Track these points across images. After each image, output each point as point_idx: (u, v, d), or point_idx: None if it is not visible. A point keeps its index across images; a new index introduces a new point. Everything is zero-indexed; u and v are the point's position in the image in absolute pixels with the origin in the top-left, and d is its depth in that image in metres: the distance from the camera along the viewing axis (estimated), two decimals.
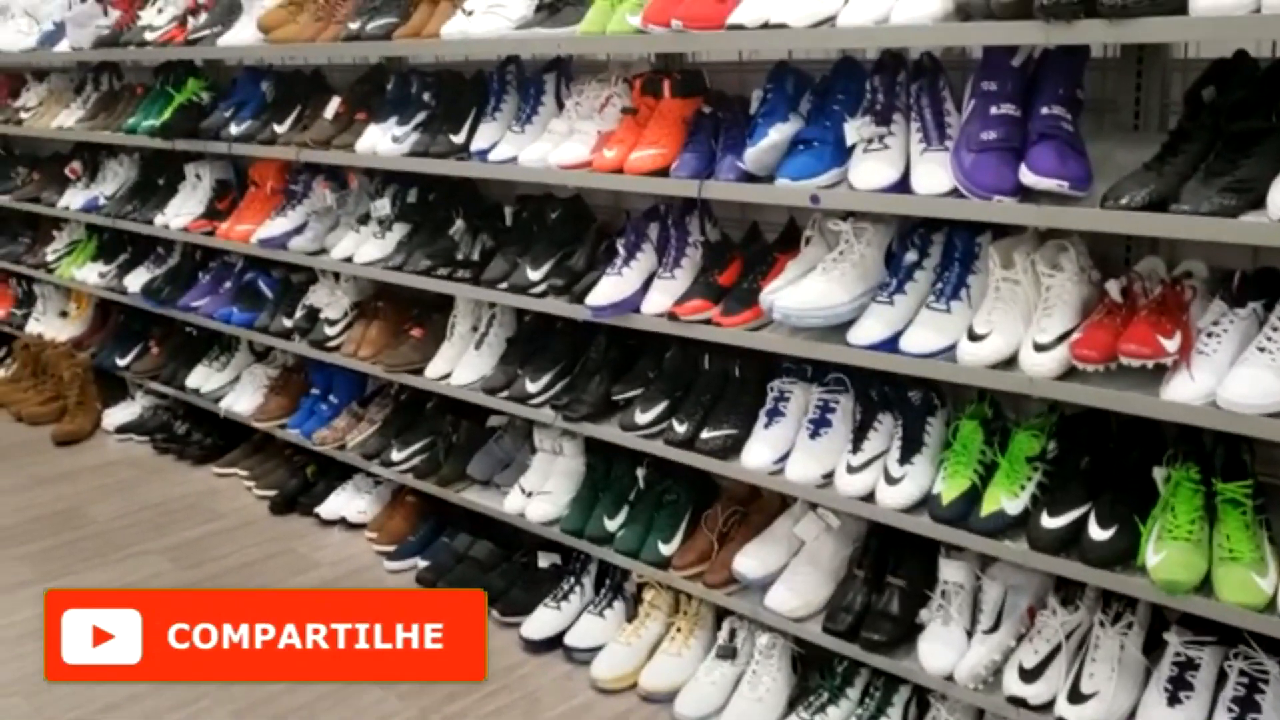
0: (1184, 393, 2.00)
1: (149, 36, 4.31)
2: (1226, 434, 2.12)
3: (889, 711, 2.61)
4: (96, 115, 4.86)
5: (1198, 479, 2.14)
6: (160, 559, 3.81)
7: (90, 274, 5.07)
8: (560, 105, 3.16)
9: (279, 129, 3.91)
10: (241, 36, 3.86)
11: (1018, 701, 2.31)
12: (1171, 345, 2.02)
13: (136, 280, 4.81)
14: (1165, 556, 2.08)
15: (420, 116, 3.43)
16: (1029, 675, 2.32)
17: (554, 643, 3.13)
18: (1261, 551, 2.06)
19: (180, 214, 4.43)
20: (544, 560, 3.39)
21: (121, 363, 5.02)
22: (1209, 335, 2.05)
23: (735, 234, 3.01)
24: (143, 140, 4.46)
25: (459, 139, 3.27)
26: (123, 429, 4.95)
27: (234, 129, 4.04)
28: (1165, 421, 2.13)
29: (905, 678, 2.57)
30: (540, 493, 3.30)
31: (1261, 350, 1.97)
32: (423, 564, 3.58)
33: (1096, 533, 2.19)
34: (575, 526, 3.18)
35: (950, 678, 2.42)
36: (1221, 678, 2.19)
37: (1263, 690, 2.13)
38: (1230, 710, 2.12)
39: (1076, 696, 2.25)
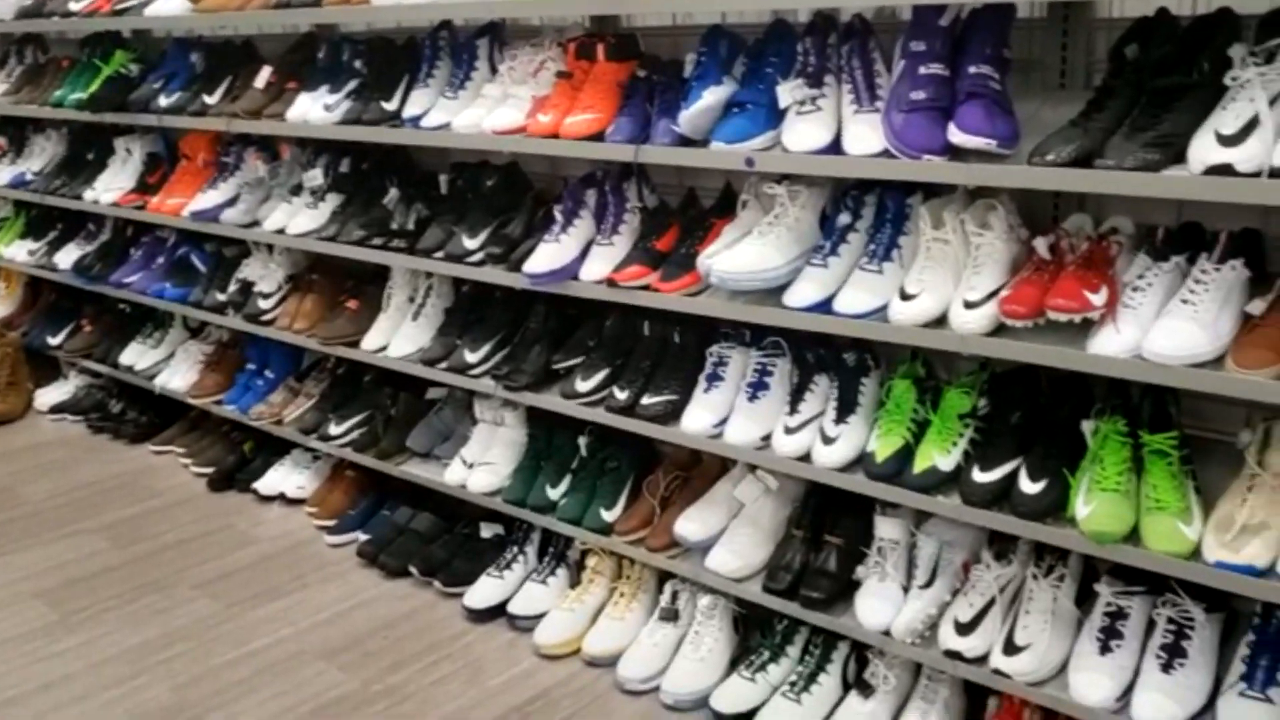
0: (1110, 346, 2.03)
1: (74, 7, 4.22)
2: (1153, 386, 2.16)
3: (828, 668, 2.64)
4: (21, 89, 4.75)
5: (1125, 431, 2.18)
6: (97, 538, 3.75)
7: (19, 252, 4.96)
8: (494, 70, 3.13)
9: (209, 100, 3.84)
10: (170, 6, 3.78)
11: (954, 655, 2.35)
12: (1098, 300, 2.05)
13: (67, 257, 4.72)
14: (1094, 508, 2.11)
15: (352, 84, 3.38)
16: (964, 629, 2.36)
17: (497, 611, 3.13)
18: (1187, 501, 2.10)
19: (110, 189, 4.35)
20: (486, 531, 3.38)
21: (53, 342, 4.93)
22: (1134, 289, 2.08)
23: (672, 201, 3.01)
24: (70, 114, 4.35)
25: (391, 106, 3.23)
26: (56, 409, 4.87)
27: (163, 101, 3.97)
28: (1094, 375, 2.16)
29: (844, 634, 2.60)
30: (482, 464, 3.29)
31: (1184, 303, 2.01)
32: (364, 538, 3.56)
33: (1028, 486, 2.22)
34: (517, 496, 3.17)
35: (887, 633, 2.45)
36: (1150, 626, 2.24)
37: (1189, 636, 2.18)
38: (1159, 657, 2.17)
39: (1011, 648, 2.29)
